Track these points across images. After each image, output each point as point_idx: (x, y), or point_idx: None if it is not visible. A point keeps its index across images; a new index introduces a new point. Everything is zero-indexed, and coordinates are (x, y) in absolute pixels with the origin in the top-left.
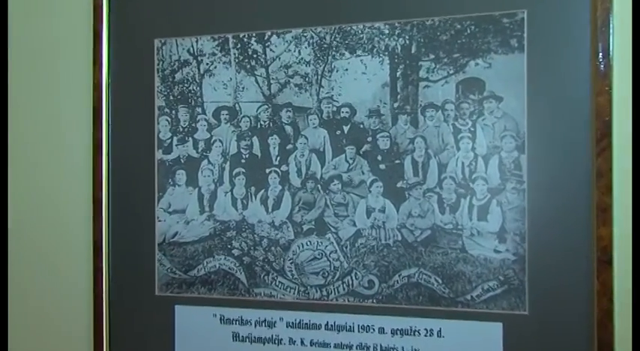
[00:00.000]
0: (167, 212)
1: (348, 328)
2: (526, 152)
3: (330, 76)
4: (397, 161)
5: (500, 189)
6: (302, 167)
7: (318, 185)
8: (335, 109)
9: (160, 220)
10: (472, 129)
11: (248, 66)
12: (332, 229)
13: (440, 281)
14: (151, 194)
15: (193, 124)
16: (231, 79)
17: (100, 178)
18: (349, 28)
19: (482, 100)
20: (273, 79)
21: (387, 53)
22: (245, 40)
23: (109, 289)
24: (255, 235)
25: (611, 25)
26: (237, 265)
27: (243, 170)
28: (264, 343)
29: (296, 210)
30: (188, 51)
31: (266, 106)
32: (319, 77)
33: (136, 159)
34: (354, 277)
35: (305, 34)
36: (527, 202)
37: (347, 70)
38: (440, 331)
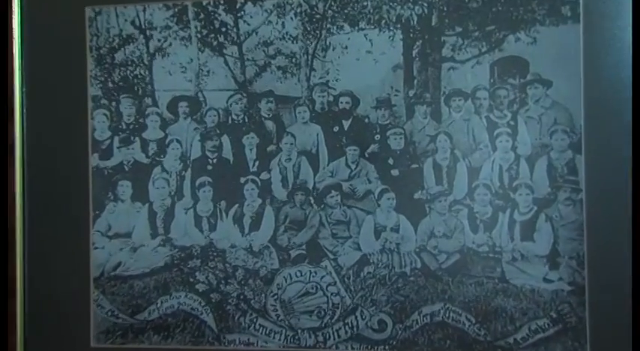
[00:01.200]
0: (106, 236)
1: None
2: (583, 152)
3: (324, 56)
4: (414, 165)
5: (549, 200)
6: (288, 174)
7: (310, 198)
8: (331, 98)
9: (96, 248)
10: (512, 123)
11: (215, 43)
12: (329, 254)
13: (473, 320)
14: (83, 213)
15: (141, 120)
16: (191, 60)
17: (11, 194)
18: None
19: (525, 85)
20: (248, 60)
21: (399, 26)
22: (210, 9)
23: (25, 341)
24: (227, 265)
25: None
26: (202, 304)
27: (210, 179)
28: None
29: (281, 231)
30: (132, 23)
31: (239, 96)
32: (310, 58)
33: (62, 167)
34: (359, 317)
35: (290, 2)
36: (585, 216)
37: (346, 47)
38: None
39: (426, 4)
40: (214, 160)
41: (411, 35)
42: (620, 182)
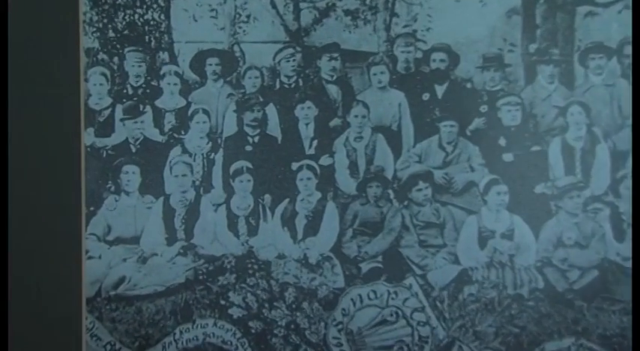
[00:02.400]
0: (104, 242)
1: None
2: None
3: None
4: (535, 147)
5: None
6: (359, 159)
7: (389, 191)
8: (420, 55)
9: (91, 257)
10: None
11: None
12: (415, 268)
13: None
14: (72, 210)
15: (154, 83)
16: (225, 0)
17: None
18: None
19: None
20: (304, 0)
21: None
22: None
23: None
24: (273, 282)
25: None
26: (238, 335)
27: (249, 165)
28: None
29: (348, 236)
30: None
31: (291, 50)
32: None
33: (45, 146)
34: None
35: None
36: None
37: None
38: None
39: None
40: (256, 139)
41: None
42: None
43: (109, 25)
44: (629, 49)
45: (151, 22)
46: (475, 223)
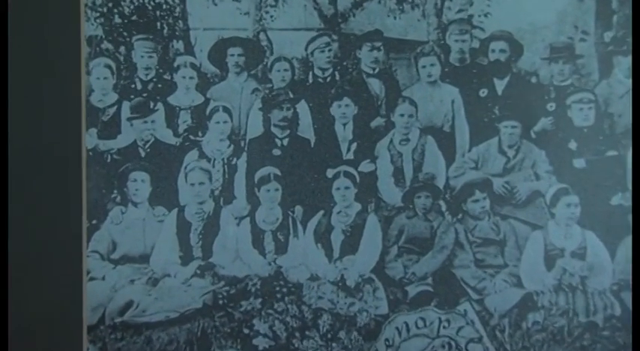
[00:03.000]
0: (108, 261)
1: None
2: None
3: None
4: (611, 152)
5: None
6: (405, 165)
7: (441, 202)
8: (477, 44)
9: (93, 278)
10: None
11: None
12: (471, 292)
13: None
14: (72, 223)
15: (167, 76)
16: None
17: None
18: None
19: None
20: None
21: None
22: None
23: None
24: (305, 307)
25: None
26: None
27: (278, 172)
28: None
29: (393, 254)
30: None
31: (326, 39)
32: None
33: (41, 149)
34: None
35: None
36: None
37: None
38: None
39: None
40: (285, 141)
41: None
42: None
43: (115, 10)
44: None
45: (164, 6)
46: (541, 240)
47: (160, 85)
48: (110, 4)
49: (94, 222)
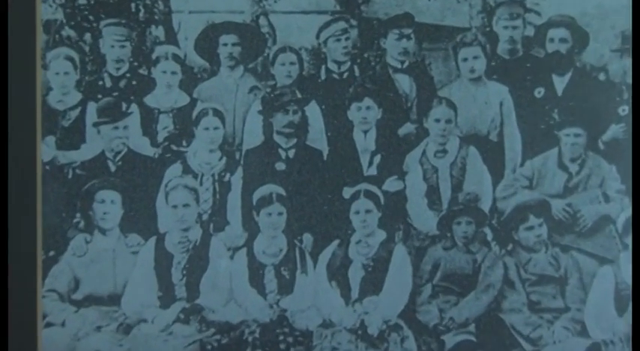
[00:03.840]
0: (69, 302)
1: None
2: None
3: None
4: None
5: None
6: (441, 182)
7: (486, 229)
8: (532, 31)
9: (50, 324)
10: None
11: None
12: (523, 342)
13: None
14: (24, 255)
15: (143, 70)
16: None
17: None
18: None
19: None
20: None
21: None
22: None
23: None
24: None
25: None
26: None
27: (282, 191)
28: None
29: (426, 294)
30: None
31: (343, 24)
32: None
33: None
34: None
35: None
36: None
37: None
38: None
39: None
40: (291, 153)
41: None
42: None
43: None
44: None
45: None
46: (611, 277)
47: (134, 82)
48: None
49: (51, 254)
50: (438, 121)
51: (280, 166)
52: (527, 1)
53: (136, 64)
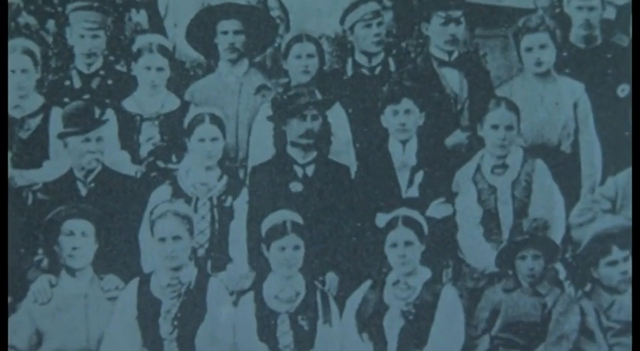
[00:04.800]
0: None
1: None
2: None
3: None
4: None
5: None
6: (500, 205)
7: (558, 265)
8: (613, 14)
9: None
10: None
11: None
12: None
13: None
14: None
15: (121, 67)
16: None
17: None
18: None
19: None
20: None
21: None
22: None
23: None
24: None
25: None
26: None
27: (299, 219)
28: None
29: (483, 347)
30: None
31: (375, 5)
32: None
33: None
34: None
35: None
36: None
37: None
38: None
39: None
40: (309, 169)
41: None
42: None
43: None
44: None
45: None
46: None
47: (109, 82)
48: None
49: (8, 301)
50: (495, 127)
51: (296, 186)
52: None
53: (112, 58)
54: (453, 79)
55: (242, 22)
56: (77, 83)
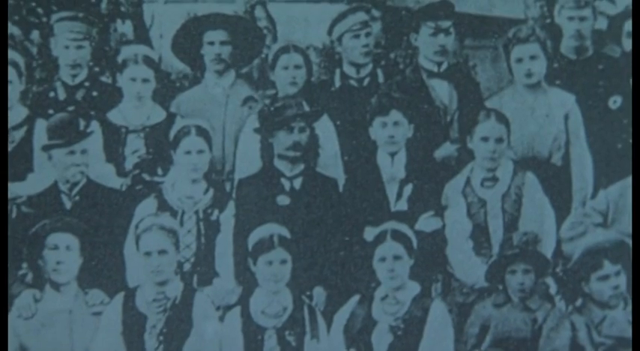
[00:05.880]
0: None
1: None
2: None
3: None
4: None
5: None
6: (490, 219)
7: (548, 280)
8: (605, 24)
9: None
10: None
11: None
12: None
13: None
14: None
15: (106, 77)
16: None
17: None
18: None
19: None
20: None
21: None
22: None
23: None
24: None
25: None
26: None
27: (286, 232)
28: None
29: None
30: None
31: (363, 15)
32: None
33: None
34: None
35: None
36: None
37: None
38: None
39: None
40: (296, 182)
41: None
42: None
43: None
44: None
45: None
46: None
47: (94, 93)
48: None
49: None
50: (485, 139)
51: (283, 200)
52: None
53: (97, 69)
54: (442, 91)
55: (229, 33)
56: (62, 95)
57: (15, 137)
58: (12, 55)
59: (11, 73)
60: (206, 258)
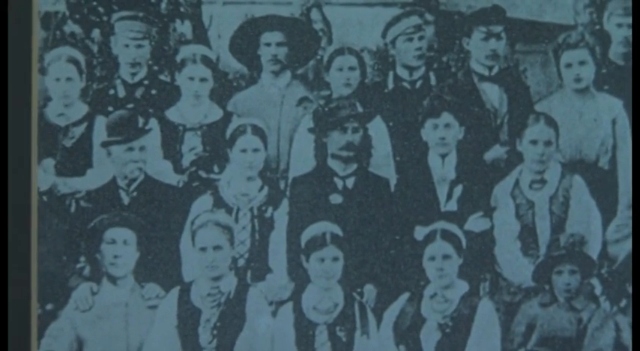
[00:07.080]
0: None
1: None
2: None
3: None
4: None
5: None
6: (538, 220)
7: (594, 281)
8: None
9: None
10: None
11: None
12: None
13: None
14: (14, 309)
15: (165, 76)
16: None
17: None
18: None
19: None
20: None
21: None
22: None
23: None
24: None
25: None
26: None
27: (338, 230)
28: None
29: None
30: None
31: (417, 19)
32: None
33: None
34: None
35: None
36: None
37: None
38: None
39: None
40: (349, 181)
41: None
42: None
43: None
44: None
45: None
46: None
47: (153, 92)
48: None
49: (48, 307)
50: (534, 143)
51: (336, 198)
52: None
53: (156, 68)
54: (493, 94)
55: (285, 34)
56: (121, 92)
57: (75, 133)
58: (73, 53)
59: (72, 70)
60: (260, 254)
